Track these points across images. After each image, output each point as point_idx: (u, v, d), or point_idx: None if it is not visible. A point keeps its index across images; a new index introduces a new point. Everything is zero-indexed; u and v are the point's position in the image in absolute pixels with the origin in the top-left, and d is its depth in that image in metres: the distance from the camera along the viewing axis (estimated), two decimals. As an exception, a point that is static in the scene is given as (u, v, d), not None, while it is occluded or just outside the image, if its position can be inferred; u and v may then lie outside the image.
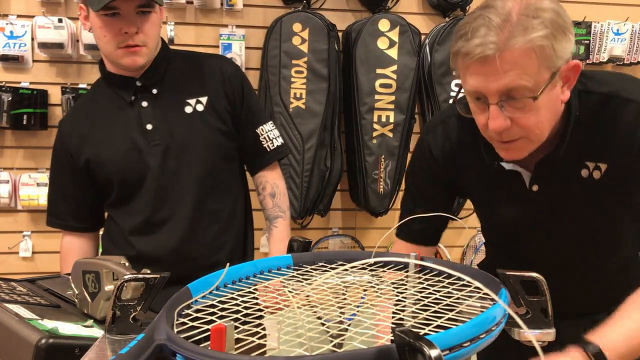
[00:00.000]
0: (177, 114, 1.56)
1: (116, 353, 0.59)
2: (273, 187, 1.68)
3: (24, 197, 2.47)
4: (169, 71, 1.59)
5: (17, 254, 2.55)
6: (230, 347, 0.60)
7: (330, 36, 2.46)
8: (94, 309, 1.02)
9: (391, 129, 2.51)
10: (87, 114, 1.61)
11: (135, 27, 1.46)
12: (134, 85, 1.56)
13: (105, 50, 1.52)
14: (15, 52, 2.46)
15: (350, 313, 0.80)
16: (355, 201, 2.66)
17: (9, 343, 0.86)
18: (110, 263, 1.01)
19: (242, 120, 1.63)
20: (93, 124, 1.59)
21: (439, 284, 0.78)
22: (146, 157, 1.54)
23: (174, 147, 1.54)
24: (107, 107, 1.58)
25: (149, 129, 1.54)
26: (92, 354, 0.72)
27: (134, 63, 1.50)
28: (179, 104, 1.57)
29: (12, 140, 2.52)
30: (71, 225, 1.68)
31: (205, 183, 1.57)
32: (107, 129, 1.57)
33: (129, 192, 1.56)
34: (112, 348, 0.71)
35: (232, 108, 1.61)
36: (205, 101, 1.58)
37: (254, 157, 1.68)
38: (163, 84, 1.57)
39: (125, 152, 1.54)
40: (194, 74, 1.61)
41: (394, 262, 0.87)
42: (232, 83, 1.62)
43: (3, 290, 1.08)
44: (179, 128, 1.55)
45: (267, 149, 1.67)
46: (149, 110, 1.55)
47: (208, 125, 1.57)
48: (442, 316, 0.65)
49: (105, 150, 1.56)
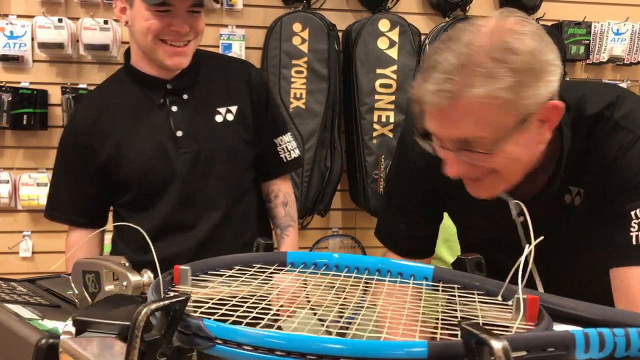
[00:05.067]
0: (207, 123, 1.53)
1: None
2: (286, 196, 1.66)
3: (24, 197, 2.47)
4: (200, 77, 1.55)
5: (17, 254, 2.56)
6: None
7: (330, 36, 2.46)
8: (94, 309, 1.02)
9: (391, 129, 2.51)
10: (109, 110, 1.55)
11: (188, 27, 1.42)
12: (164, 88, 1.52)
13: (146, 45, 1.45)
14: (15, 52, 2.46)
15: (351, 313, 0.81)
16: (355, 201, 2.66)
17: (9, 343, 0.86)
18: (110, 263, 1.01)
19: (263, 129, 1.61)
20: (116, 121, 1.53)
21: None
22: (173, 163, 1.50)
23: (203, 155, 1.51)
24: (134, 106, 1.53)
25: (179, 135, 1.50)
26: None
27: (178, 65, 1.47)
28: (209, 112, 1.54)
29: (12, 140, 2.53)
30: (75, 220, 1.62)
31: (230, 191, 1.55)
32: (133, 129, 1.52)
33: (149, 195, 1.53)
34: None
35: (256, 116, 1.59)
36: (235, 110, 1.55)
37: (269, 166, 1.65)
38: (194, 90, 1.54)
39: (151, 155, 1.50)
40: (223, 81, 1.58)
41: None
42: (258, 91, 1.60)
43: (3, 290, 1.08)
44: (208, 137, 1.52)
45: (284, 159, 1.65)
46: (179, 115, 1.51)
47: (236, 135, 1.55)
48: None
49: (128, 150, 1.51)
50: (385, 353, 0.51)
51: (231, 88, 1.57)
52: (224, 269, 0.82)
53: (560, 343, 0.55)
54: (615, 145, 1.00)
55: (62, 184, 1.63)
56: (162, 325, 0.58)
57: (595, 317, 0.68)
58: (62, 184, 1.63)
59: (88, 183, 1.57)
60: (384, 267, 0.86)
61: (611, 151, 1.00)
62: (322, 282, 0.81)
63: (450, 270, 0.84)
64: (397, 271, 0.85)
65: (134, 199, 1.54)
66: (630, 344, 0.57)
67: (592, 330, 0.57)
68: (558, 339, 0.56)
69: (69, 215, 1.62)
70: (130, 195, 1.54)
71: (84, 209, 1.61)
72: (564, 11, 2.78)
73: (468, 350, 0.50)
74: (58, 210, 1.64)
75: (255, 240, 0.92)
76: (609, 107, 1.02)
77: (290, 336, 0.54)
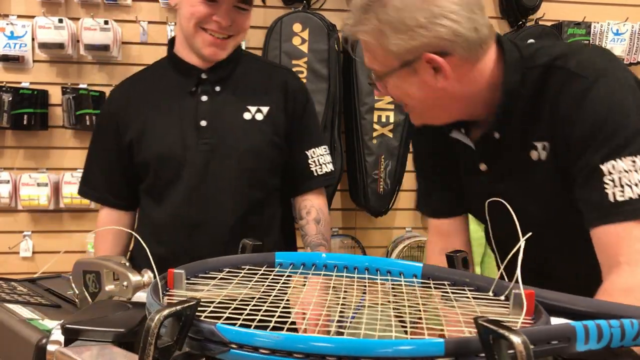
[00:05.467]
0: (234, 117, 1.51)
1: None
2: (319, 213, 1.61)
3: (24, 197, 2.47)
4: (237, 73, 1.55)
5: (17, 254, 2.56)
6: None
7: (330, 36, 2.46)
8: (94, 309, 1.02)
9: (391, 129, 2.51)
10: (143, 91, 1.56)
11: (230, 21, 1.43)
12: (199, 77, 1.52)
13: (188, 31, 1.47)
14: (15, 52, 2.46)
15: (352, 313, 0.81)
16: (355, 201, 2.66)
17: (10, 343, 0.86)
18: (110, 263, 1.01)
19: (295, 138, 1.58)
20: (146, 103, 1.53)
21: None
22: (192, 153, 1.48)
23: (223, 149, 1.49)
24: (167, 91, 1.54)
25: (203, 125, 1.49)
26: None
27: (214, 55, 1.47)
28: (239, 107, 1.52)
29: (12, 140, 2.53)
30: (106, 199, 1.61)
31: (246, 192, 1.51)
32: (159, 113, 1.51)
33: (164, 183, 1.51)
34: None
35: (289, 123, 1.56)
36: (266, 111, 1.53)
37: (299, 179, 1.61)
38: (228, 83, 1.53)
39: (171, 142, 1.49)
40: (260, 81, 1.57)
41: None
42: (295, 99, 1.58)
43: (3, 290, 1.08)
44: (232, 131, 1.50)
45: (315, 172, 1.61)
46: (207, 106, 1.50)
47: (263, 135, 1.52)
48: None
49: (151, 133, 1.50)
50: (400, 351, 0.52)
51: (266, 90, 1.55)
52: (214, 272, 0.82)
53: (563, 335, 0.56)
54: (571, 94, 1.00)
55: (94, 162, 1.62)
56: (174, 332, 0.57)
57: (587, 309, 0.69)
58: (94, 161, 1.62)
59: (118, 162, 1.56)
60: (372, 265, 0.86)
61: (567, 100, 1.00)
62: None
63: (439, 267, 0.84)
64: (385, 269, 0.85)
65: (152, 185, 1.53)
66: (625, 334, 0.59)
67: (591, 322, 0.58)
68: (561, 332, 0.57)
69: (100, 193, 1.61)
70: (149, 180, 1.53)
71: (114, 189, 1.60)
72: (564, 11, 2.78)
73: (485, 346, 0.51)
74: (89, 187, 1.63)
75: (241, 241, 0.91)
76: (561, 57, 1.03)
77: (316, 338, 0.53)
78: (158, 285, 0.69)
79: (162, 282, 0.72)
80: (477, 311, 0.68)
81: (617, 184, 0.94)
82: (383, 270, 0.85)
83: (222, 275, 0.80)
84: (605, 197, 0.94)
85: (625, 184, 0.93)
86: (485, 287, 0.77)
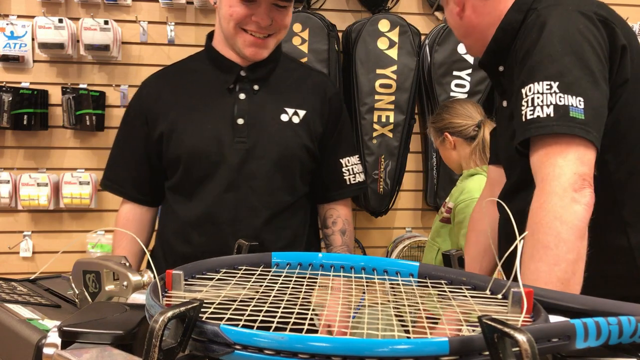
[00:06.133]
0: (272, 118, 1.47)
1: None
2: (344, 224, 1.59)
3: (24, 197, 2.47)
4: (276, 73, 1.51)
5: (17, 254, 2.56)
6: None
7: (330, 36, 2.46)
8: (94, 309, 1.01)
9: (391, 129, 2.51)
10: (177, 84, 1.51)
11: (270, 20, 1.39)
12: (238, 74, 1.47)
13: (227, 31, 1.43)
14: (15, 52, 2.46)
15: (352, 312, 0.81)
16: (355, 201, 2.66)
17: (10, 343, 0.86)
18: (110, 263, 1.01)
19: (330, 145, 1.54)
20: (180, 97, 1.49)
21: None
22: (226, 151, 1.44)
23: (259, 149, 1.45)
24: (204, 86, 1.49)
25: (240, 123, 1.45)
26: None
27: (255, 55, 1.44)
28: (277, 108, 1.48)
29: (12, 140, 2.53)
30: (129, 193, 1.56)
31: (277, 194, 1.47)
32: (194, 108, 1.47)
33: (196, 180, 1.46)
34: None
35: (323, 129, 1.52)
36: (302, 114, 1.50)
37: (331, 187, 1.58)
38: (267, 83, 1.49)
39: (206, 139, 1.44)
40: (298, 84, 1.53)
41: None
42: (332, 105, 1.55)
43: (3, 290, 1.08)
44: (269, 132, 1.46)
45: (347, 181, 1.57)
46: (245, 104, 1.46)
47: (298, 139, 1.48)
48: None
49: (184, 129, 1.45)
50: (405, 350, 0.52)
51: (304, 93, 1.52)
52: (211, 272, 0.81)
53: (563, 333, 0.57)
54: (527, 27, 1.08)
55: (120, 154, 1.58)
56: (178, 333, 0.56)
57: (584, 307, 0.69)
58: (120, 154, 1.58)
59: (145, 156, 1.52)
60: (369, 265, 0.86)
61: (523, 32, 1.08)
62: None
63: (435, 266, 0.85)
64: (382, 269, 0.85)
65: (181, 183, 1.49)
66: (622, 331, 0.59)
67: (590, 320, 0.58)
68: (561, 329, 0.57)
69: (124, 188, 1.57)
70: (178, 177, 1.48)
71: (139, 183, 1.55)
72: (564, 11, 2.78)
73: (490, 344, 0.51)
74: (113, 180, 1.58)
75: (237, 241, 0.90)
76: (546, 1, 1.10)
77: (324, 339, 0.53)
78: (158, 287, 0.69)
79: (161, 283, 0.72)
80: (476, 310, 0.68)
81: (530, 104, 0.98)
82: (380, 270, 0.85)
83: (219, 276, 0.80)
84: (521, 117, 0.99)
85: (537, 104, 0.97)
86: (482, 285, 0.77)
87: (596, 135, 0.95)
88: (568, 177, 0.91)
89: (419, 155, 2.76)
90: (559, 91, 0.95)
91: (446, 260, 0.85)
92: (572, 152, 0.93)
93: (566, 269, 0.88)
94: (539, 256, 0.89)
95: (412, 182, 2.78)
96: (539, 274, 0.87)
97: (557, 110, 0.94)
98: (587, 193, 0.91)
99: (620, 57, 1.04)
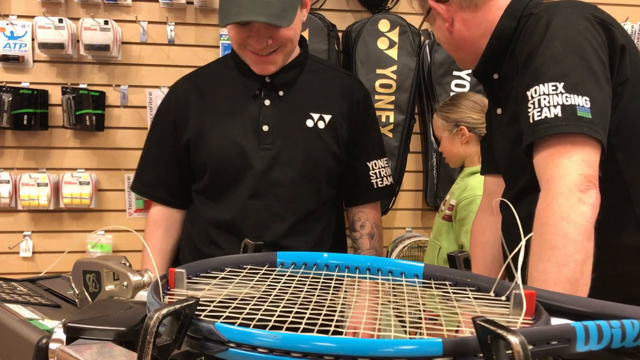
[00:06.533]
0: (297, 124, 1.47)
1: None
2: (373, 227, 1.58)
3: (24, 197, 2.47)
4: (301, 78, 1.51)
5: (17, 254, 2.56)
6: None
7: (330, 36, 2.46)
8: (94, 309, 1.01)
9: (391, 129, 2.51)
10: (205, 89, 1.52)
11: (265, 43, 1.39)
12: (262, 81, 1.48)
13: (235, 49, 1.46)
14: (15, 52, 2.46)
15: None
16: (355, 201, 2.66)
17: (10, 343, 0.86)
18: (110, 263, 1.01)
19: (357, 148, 1.54)
20: (207, 103, 1.49)
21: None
22: (252, 158, 1.44)
23: (284, 156, 1.45)
24: (230, 92, 1.50)
25: (265, 130, 1.45)
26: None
27: (264, 71, 1.44)
28: (301, 114, 1.48)
29: (12, 140, 2.53)
30: (159, 196, 1.57)
31: (304, 201, 1.47)
32: (222, 114, 1.47)
33: (222, 185, 1.47)
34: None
35: (350, 132, 1.52)
36: (328, 119, 1.49)
37: (358, 190, 1.58)
38: (291, 88, 1.49)
39: (231, 145, 1.45)
40: (325, 88, 1.53)
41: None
42: (360, 107, 1.54)
43: (4, 290, 1.08)
44: (294, 139, 1.46)
45: (375, 185, 1.57)
46: (270, 110, 1.46)
47: (324, 144, 1.48)
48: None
49: (210, 134, 1.46)
50: (399, 351, 0.52)
51: (330, 96, 1.51)
52: (215, 271, 0.82)
53: (563, 336, 0.56)
54: (526, 32, 1.08)
55: (149, 158, 1.59)
56: (173, 330, 0.57)
57: (588, 310, 0.69)
58: (150, 157, 1.59)
59: (174, 160, 1.53)
60: (374, 265, 0.86)
61: (524, 38, 1.08)
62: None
63: (440, 267, 0.85)
64: (387, 269, 0.85)
65: (208, 187, 1.49)
66: (625, 335, 0.59)
67: (591, 323, 0.58)
68: (560, 332, 0.57)
69: (154, 190, 1.57)
70: (205, 181, 1.49)
71: (168, 186, 1.56)
72: (564, 11, 2.78)
73: (483, 346, 0.51)
74: (143, 183, 1.59)
75: (243, 241, 0.90)
76: (541, 5, 1.11)
77: (314, 338, 0.53)
78: (159, 285, 0.69)
79: (164, 281, 0.73)
80: (478, 311, 0.68)
81: (537, 105, 0.98)
82: (384, 271, 0.85)
83: (223, 275, 0.80)
84: (527, 119, 0.99)
85: (544, 105, 0.97)
86: (487, 287, 0.77)
87: (603, 135, 0.95)
88: (574, 177, 0.91)
89: (419, 155, 2.76)
90: (564, 91, 0.95)
91: (451, 262, 0.85)
92: (577, 153, 0.93)
93: (575, 269, 0.88)
94: (547, 257, 0.89)
95: (412, 182, 2.77)
96: (548, 275, 0.87)
97: (564, 110, 0.94)
98: (593, 194, 0.91)
99: (620, 57, 1.04)
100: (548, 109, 0.96)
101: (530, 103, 0.98)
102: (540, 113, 0.96)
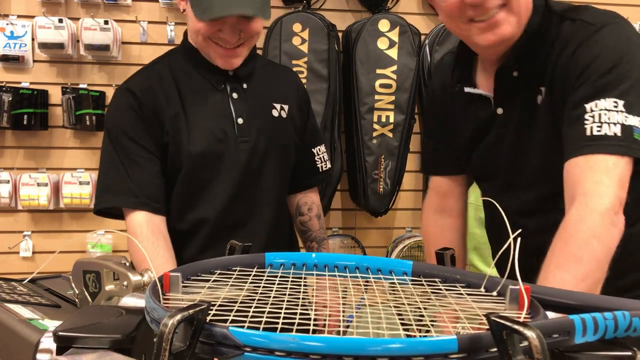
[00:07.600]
0: (265, 115, 1.49)
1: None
2: (319, 209, 1.65)
3: (24, 197, 2.47)
4: (256, 70, 1.52)
5: (17, 254, 2.56)
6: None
7: (330, 36, 2.46)
8: (94, 309, 1.01)
9: (391, 129, 2.51)
10: (170, 88, 1.44)
11: (237, 37, 1.37)
12: (226, 74, 1.46)
13: (197, 43, 1.43)
14: (15, 52, 2.46)
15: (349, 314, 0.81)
16: (355, 201, 2.66)
17: (10, 343, 0.87)
18: (110, 263, 1.01)
19: (306, 136, 1.60)
20: (179, 100, 1.43)
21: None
22: (233, 151, 1.43)
23: (260, 147, 1.46)
24: (195, 87, 1.46)
25: (240, 123, 1.45)
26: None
27: (229, 65, 1.43)
28: (267, 105, 1.51)
29: (12, 140, 2.53)
30: (145, 203, 1.40)
31: (279, 190, 1.51)
32: (194, 110, 1.44)
33: (204, 182, 1.42)
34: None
35: (301, 123, 1.58)
36: (287, 109, 1.53)
37: (306, 175, 1.63)
38: (252, 80, 1.50)
39: (211, 139, 1.42)
40: (277, 79, 1.56)
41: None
42: (302, 97, 1.60)
43: (4, 290, 1.08)
44: (266, 129, 1.47)
45: (320, 169, 1.64)
46: (239, 103, 1.46)
47: (288, 134, 1.52)
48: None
49: (187, 131, 1.41)
50: (416, 349, 0.52)
51: (282, 87, 1.56)
52: (205, 274, 0.81)
53: (563, 329, 0.57)
54: (578, 39, 1.06)
55: (122, 166, 1.41)
56: (187, 336, 0.55)
57: (578, 303, 0.70)
58: (123, 166, 1.41)
59: (154, 163, 1.42)
60: (362, 264, 0.86)
61: (573, 45, 1.06)
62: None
63: (428, 265, 0.85)
64: (376, 267, 0.86)
65: (188, 185, 1.43)
66: (618, 325, 0.60)
67: (587, 316, 0.59)
68: (561, 325, 0.58)
69: (137, 198, 1.40)
70: (185, 179, 1.42)
71: (153, 191, 1.42)
72: (564, 11, 2.78)
73: (498, 341, 0.52)
74: (119, 194, 1.42)
75: (229, 242, 0.89)
76: (573, 10, 1.11)
77: (330, 339, 0.53)
78: (158, 289, 0.69)
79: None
80: (474, 307, 0.69)
81: (597, 120, 0.98)
82: (373, 269, 0.85)
83: (214, 278, 0.80)
84: (583, 132, 0.98)
85: (605, 121, 0.97)
86: (477, 283, 0.78)
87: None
88: (611, 198, 0.93)
89: (419, 155, 2.76)
90: (624, 110, 0.97)
91: (439, 259, 0.85)
92: (617, 172, 0.95)
93: (591, 286, 0.89)
94: (569, 268, 0.90)
95: (412, 182, 2.78)
96: (564, 285, 0.86)
97: (624, 130, 0.96)
98: (622, 219, 0.93)
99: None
100: (608, 125, 0.96)
101: (589, 115, 0.98)
102: (600, 128, 0.97)
